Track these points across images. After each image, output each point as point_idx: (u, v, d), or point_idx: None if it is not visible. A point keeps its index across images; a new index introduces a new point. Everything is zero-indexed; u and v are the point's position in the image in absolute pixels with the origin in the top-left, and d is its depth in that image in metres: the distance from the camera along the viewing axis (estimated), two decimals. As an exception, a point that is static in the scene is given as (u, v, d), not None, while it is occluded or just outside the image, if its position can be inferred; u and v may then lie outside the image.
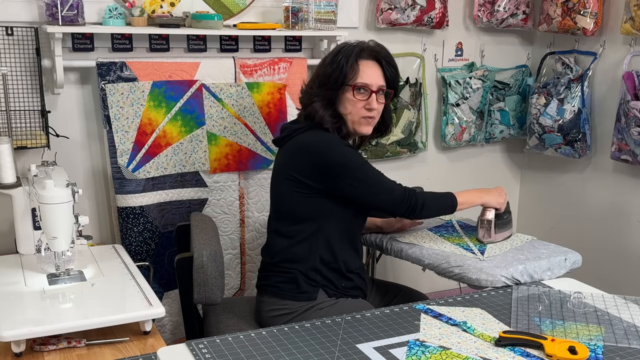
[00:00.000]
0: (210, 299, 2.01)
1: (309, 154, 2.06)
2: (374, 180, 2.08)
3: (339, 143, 2.09)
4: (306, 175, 2.05)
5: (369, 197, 2.08)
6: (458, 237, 2.38)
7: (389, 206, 2.10)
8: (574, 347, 1.58)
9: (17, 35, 2.37)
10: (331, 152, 2.05)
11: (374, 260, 2.96)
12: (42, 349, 1.71)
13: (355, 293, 2.18)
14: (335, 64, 2.10)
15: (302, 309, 2.07)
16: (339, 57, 2.10)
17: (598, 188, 3.23)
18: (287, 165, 2.11)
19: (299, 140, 2.11)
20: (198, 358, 1.55)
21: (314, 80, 2.15)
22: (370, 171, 2.08)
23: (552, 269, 2.16)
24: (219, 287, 2.02)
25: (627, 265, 3.12)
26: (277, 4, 2.76)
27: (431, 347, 1.62)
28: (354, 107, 2.10)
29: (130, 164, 2.52)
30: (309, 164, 2.05)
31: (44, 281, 1.97)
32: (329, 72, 2.10)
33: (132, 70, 2.50)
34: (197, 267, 1.98)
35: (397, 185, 2.11)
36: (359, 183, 2.05)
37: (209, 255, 1.99)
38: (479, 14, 3.22)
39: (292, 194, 2.08)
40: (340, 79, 2.08)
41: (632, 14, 2.81)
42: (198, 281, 1.99)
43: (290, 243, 2.11)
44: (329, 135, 2.10)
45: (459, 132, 3.28)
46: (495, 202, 2.27)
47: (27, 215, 2.20)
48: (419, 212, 2.11)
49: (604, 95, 3.13)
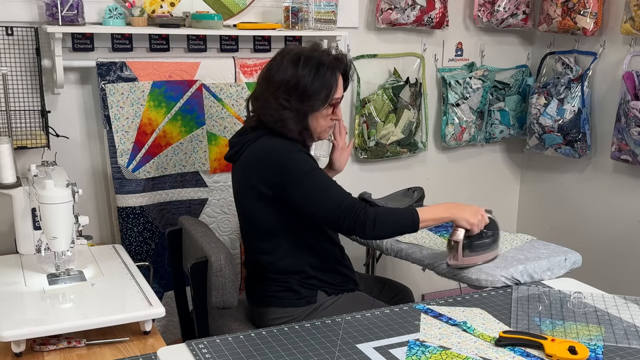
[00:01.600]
0: (228, 302, 1.97)
1: (261, 162, 1.97)
2: (319, 188, 1.93)
3: (290, 149, 1.98)
4: (262, 184, 1.97)
5: (312, 206, 1.93)
6: None
7: (333, 218, 1.91)
8: (574, 347, 1.58)
9: (17, 35, 2.37)
10: (279, 157, 1.95)
11: (374, 260, 2.96)
12: (42, 349, 1.71)
13: (350, 286, 2.16)
14: (321, 80, 1.97)
15: (304, 314, 2.05)
16: (324, 72, 1.97)
17: (598, 188, 3.23)
18: (245, 180, 2.02)
19: (250, 151, 2.01)
20: (198, 358, 1.55)
21: (288, 93, 1.97)
22: (318, 179, 1.94)
23: (552, 269, 2.16)
24: (235, 290, 1.99)
25: (627, 265, 3.12)
26: (277, 4, 2.76)
27: (431, 347, 1.62)
28: (325, 120, 2.05)
29: (130, 164, 2.52)
30: (263, 173, 1.97)
31: (44, 281, 1.97)
32: (315, 89, 1.97)
33: (132, 70, 2.50)
34: (215, 270, 1.94)
35: (349, 198, 1.94)
36: (302, 190, 1.92)
37: (226, 258, 1.96)
38: (479, 14, 3.22)
39: (257, 209, 2.00)
40: (327, 97, 1.99)
41: (632, 14, 2.81)
42: (216, 285, 1.95)
43: (273, 259, 2.05)
44: (281, 142, 1.99)
45: (459, 132, 3.28)
46: (464, 220, 2.00)
47: (27, 215, 2.20)
48: (370, 229, 1.90)
49: (604, 95, 3.13)
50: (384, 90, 3.08)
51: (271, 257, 2.05)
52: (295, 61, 1.98)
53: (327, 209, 1.92)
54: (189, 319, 2.37)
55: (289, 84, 1.97)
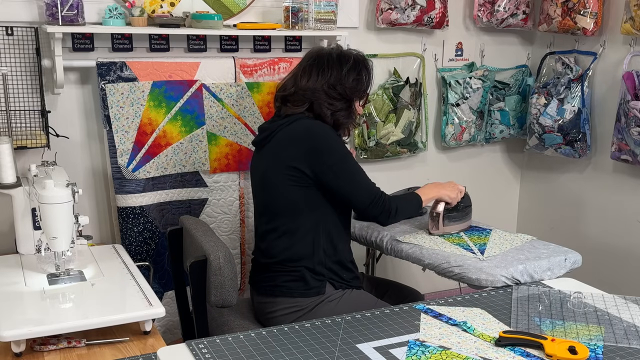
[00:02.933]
0: (227, 300, 1.99)
1: (304, 138, 2.09)
2: (356, 174, 2.11)
3: (329, 132, 2.12)
4: (301, 162, 2.07)
5: (347, 188, 2.10)
6: (458, 237, 2.38)
7: (365, 203, 2.12)
8: (574, 347, 1.58)
9: (17, 35, 2.37)
10: (325, 137, 2.09)
11: (374, 260, 2.96)
12: (42, 349, 1.71)
13: (357, 283, 2.22)
14: (363, 81, 2.19)
15: (312, 305, 2.10)
16: (366, 74, 2.20)
17: (598, 188, 3.23)
18: (278, 159, 2.12)
19: (287, 132, 2.12)
20: (198, 358, 1.55)
21: (333, 87, 2.14)
22: (355, 165, 2.12)
23: (552, 268, 2.16)
24: (235, 289, 2.00)
25: (627, 265, 3.12)
26: (277, 4, 2.76)
27: (431, 347, 1.62)
28: (355, 113, 2.23)
29: (130, 163, 2.52)
30: (304, 149, 2.08)
31: (44, 281, 1.97)
32: (362, 88, 2.19)
33: (132, 70, 2.50)
34: (214, 269, 1.95)
35: (377, 188, 2.15)
36: (342, 172, 2.08)
37: (225, 257, 1.97)
38: (479, 14, 3.22)
39: (288, 187, 2.09)
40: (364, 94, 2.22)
41: (632, 14, 2.81)
42: (215, 284, 1.96)
43: (292, 241, 2.12)
44: (319, 124, 2.14)
45: (459, 132, 3.28)
46: (448, 196, 2.35)
47: (27, 215, 2.20)
48: (393, 216, 2.17)
49: (604, 95, 3.13)
50: (384, 90, 3.08)
51: (290, 239, 2.12)
52: (339, 59, 2.18)
53: (361, 193, 2.11)
54: (190, 318, 2.37)
55: (340, 77, 2.15)
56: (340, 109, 2.16)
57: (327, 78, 2.13)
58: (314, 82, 2.14)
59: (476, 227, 2.52)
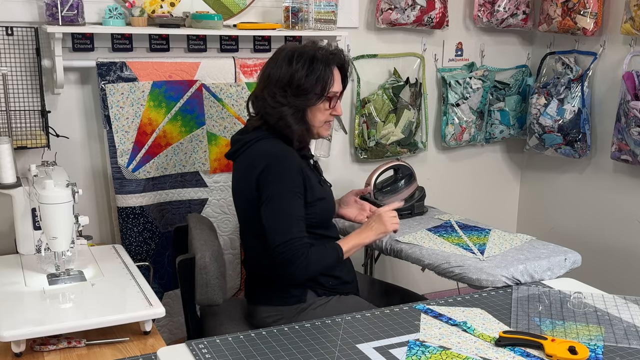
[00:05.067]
0: (212, 300, 2.00)
1: (254, 167, 1.98)
2: (281, 214, 1.94)
3: (281, 161, 1.98)
4: (252, 188, 1.99)
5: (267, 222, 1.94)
6: (457, 237, 2.38)
7: (271, 244, 1.93)
8: (574, 347, 1.58)
9: (17, 35, 2.37)
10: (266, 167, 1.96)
11: (373, 260, 2.96)
12: (42, 349, 1.71)
13: (346, 288, 2.13)
14: (314, 74, 1.99)
15: (293, 313, 2.05)
16: (317, 66, 2.00)
17: (598, 188, 3.23)
18: (240, 180, 2.05)
19: (248, 153, 2.03)
20: (198, 358, 1.55)
21: (284, 89, 2.00)
22: (286, 204, 1.95)
23: (552, 268, 2.16)
24: (221, 288, 2.01)
25: (627, 265, 3.12)
26: (277, 4, 2.76)
27: (431, 347, 1.62)
28: (322, 115, 2.05)
29: (130, 164, 2.52)
30: (253, 178, 1.98)
31: (44, 281, 1.97)
32: (310, 83, 1.99)
33: (132, 70, 2.50)
34: (199, 268, 1.97)
35: (298, 239, 1.93)
36: (268, 206, 1.94)
37: (211, 256, 1.98)
38: (479, 14, 3.22)
39: (249, 209, 2.02)
40: (322, 90, 2.01)
41: (632, 14, 2.81)
42: (200, 282, 1.98)
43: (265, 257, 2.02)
44: (277, 148, 2.01)
45: (459, 132, 3.28)
46: (382, 234, 2.11)
47: (27, 215, 2.20)
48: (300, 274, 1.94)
49: (604, 95, 3.13)
50: (384, 90, 3.08)
51: (263, 255, 2.03)
52: (289, 57, 2.01)
53: (276, 233, 1.93)
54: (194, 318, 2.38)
55: (284, 80, 2.00)
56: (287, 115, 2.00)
57: (276, 79, 2.01)
58: (261, 88, 2.04)
59: (475, 227, 2.52)
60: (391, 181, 2.61)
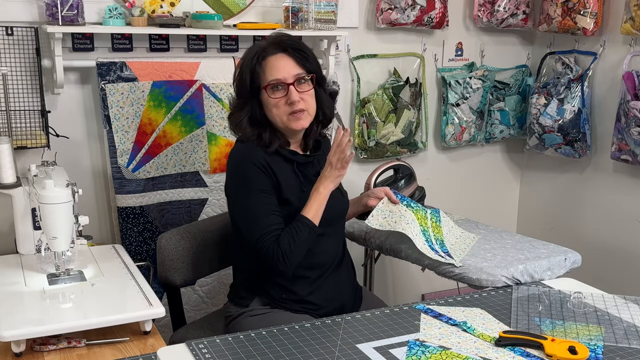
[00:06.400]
0: (169, 279, 2.20)
1: (227, 171, 2.07)
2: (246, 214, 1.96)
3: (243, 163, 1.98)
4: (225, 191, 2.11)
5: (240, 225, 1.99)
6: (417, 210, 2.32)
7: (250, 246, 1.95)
8: (574, 347, 1.58)
9: (17, 35, 2.37)
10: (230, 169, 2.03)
11: (373, 260, 2.96)
12: (42, 349, 1.71)
13: (299, 307, 2.03)
14: (241, 74, 2.00)
15: (237, 313, 2.07)
16: (244, 63, 1.99)
17: (598, 188, 3.23)
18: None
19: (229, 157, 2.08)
20: (198, 358, 1.55)
21: (234, 99, 2.07)
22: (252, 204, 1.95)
23: (552, 268, 2.16)
24: (177, 270, 2.19)
25: (627, 265, 3.12)
26: (277, 4, 2.76)
27: (431, 347, 1.62)
28: (277, 108, 1.97)
29: (130, 164, 2.52)
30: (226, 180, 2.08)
31: (44, 281, 1.97)
32: (242, 84, 2.00)
33: (132, 70, 2.50)
34: (158, 247, 2.19)
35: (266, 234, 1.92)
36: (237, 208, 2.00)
37: (169, 238, 2.19)
38: (479, 14, 3.22)
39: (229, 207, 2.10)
40: (253, 84, 1.97)
41: (632, 14, 2.81)
42: (159, 260, 2.20)
43: (236, 252, 2.14)
44: (242, 150, 2.01)
45: (459, 132, 3.28)
46: (335, 179, 2.01)
47: (27, 215, 2.20)
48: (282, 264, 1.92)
49: (604, 95, 3.13)
50: (384, 90, 3.08)
51: (236, 251, 2.14)
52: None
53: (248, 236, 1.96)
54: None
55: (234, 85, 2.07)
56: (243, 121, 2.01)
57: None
58: None
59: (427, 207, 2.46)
60: (391, 181, 2.61)
